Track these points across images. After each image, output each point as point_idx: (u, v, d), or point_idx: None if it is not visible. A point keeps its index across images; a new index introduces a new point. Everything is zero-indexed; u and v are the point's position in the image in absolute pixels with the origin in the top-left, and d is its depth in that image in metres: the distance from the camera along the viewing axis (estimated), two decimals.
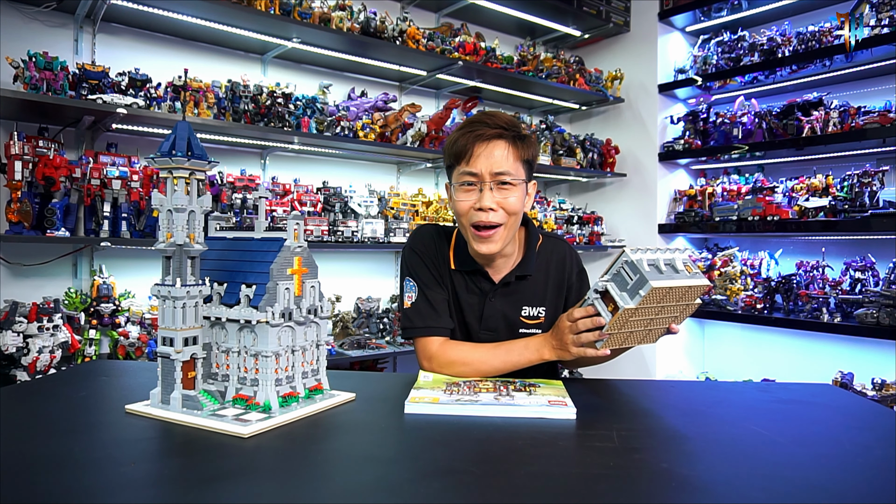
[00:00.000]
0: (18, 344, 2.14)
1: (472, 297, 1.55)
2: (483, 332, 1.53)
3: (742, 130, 3.68)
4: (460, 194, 1.43)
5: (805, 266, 3.50)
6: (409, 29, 3.20)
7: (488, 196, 1.39)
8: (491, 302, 1.53)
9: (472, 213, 1.40)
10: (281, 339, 1.10)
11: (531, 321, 1.54)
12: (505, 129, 1.42)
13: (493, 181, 1.40)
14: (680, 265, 1.16)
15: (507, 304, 1.54)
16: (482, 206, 1.38)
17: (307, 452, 0.93)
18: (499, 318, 1.53)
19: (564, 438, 1.01)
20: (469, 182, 1.41)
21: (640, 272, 1.09)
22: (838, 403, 1.27)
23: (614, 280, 1.14)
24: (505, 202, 1.40)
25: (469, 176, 1.41)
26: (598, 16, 3.97)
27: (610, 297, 1.15)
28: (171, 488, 0.79)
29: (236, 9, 2.61)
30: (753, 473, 0.86)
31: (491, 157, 1.39)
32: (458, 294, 1.56)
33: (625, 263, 1.13)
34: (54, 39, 2.58)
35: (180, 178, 1.08)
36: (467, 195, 1.42)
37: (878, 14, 3.10)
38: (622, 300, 1.12)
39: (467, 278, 1.55)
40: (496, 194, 1.40)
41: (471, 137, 1.40)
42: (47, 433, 0.99)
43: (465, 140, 1.41)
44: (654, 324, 1.19)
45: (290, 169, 3.26)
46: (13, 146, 2.26)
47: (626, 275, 1.12)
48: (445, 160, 1.50)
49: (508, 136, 1.42)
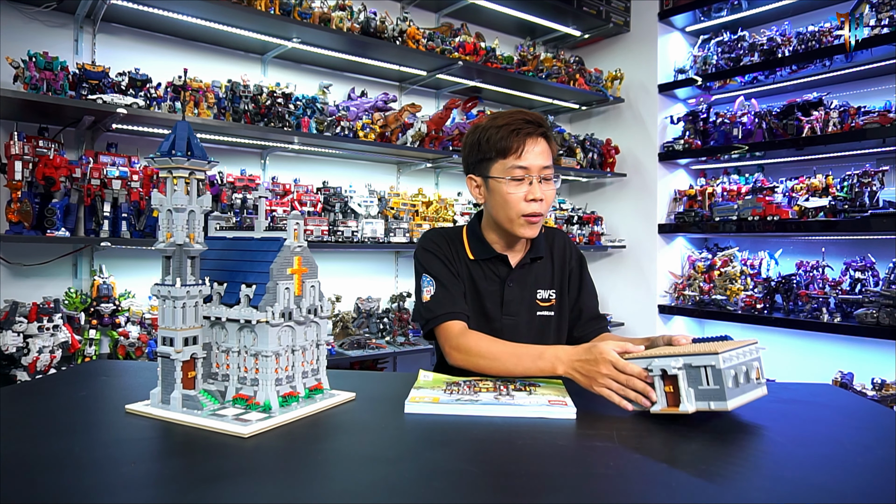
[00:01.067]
0: (18, 344, 2.14)
1: (491, 284, 1.64)
2: (505, 318, 1.61)
3: (742, 130, 3.68)
4: (510, 186, 1.53)
5: (805, 266, 3.50)
6: (409, 29, 3.20)
7: (538, 188, 1.52)
8: (510, 287, 1.62)
9: (524, 204, 1.52)
10: (281, 339, 1.10)
11: (545, 303, 1.65)
12: (546, 127, 1.56)
13: (540, 174, 1.53)
14: (753, 373, 1.10)
15: (524, 288, 1.64)
16: (535, 197, 1.51)
17: (307, 452, 0.93)
18: (518, 302, 1.62)
19: (564, 438, 1.01)
20: (519, 177, 1.52)
21: (723, 386, 1.02)
22: (838, 403, 1.27)
23: (689, 373, 1.06)
24: (547, 194, 1.55)
25: (520, 170, 1.52)
26: (598, 16, 3.97)
27: (673, 382, 1.07)
28: (171, 488, 0.79)
29: (236, 9, 2.61)
30: (753, 473, 0.86)
31: (539, 152, 1.53)
32: (476, 283, 1.64)
33: (710, 368, 1.03)
34: (54, 39, 2.57)
35: (180, 178, 1.08)
36: (517, 188, 1.53)
37: (878, 14, 3.10)
38: (687, 401, 1.05)
39: (484, 266, 1.64)
40: (543, 186, 1.53)
41: (521, 135, 1.52)
42: (47, 433, 0.99)
43: (513, 137, 1.52)
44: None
45: (290, 169, 3.26)
46: (13, 146, 2.26)
47: (705, 377, 1.04)
48: (479, 154, 1.57)
49: (547, 134, 1.56)
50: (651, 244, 4.08)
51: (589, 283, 1.71)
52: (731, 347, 1.07)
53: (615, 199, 4.34)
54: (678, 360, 1.06)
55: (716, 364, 1.03)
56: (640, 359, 1.13)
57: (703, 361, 1.04)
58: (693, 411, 1.04)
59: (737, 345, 1.09)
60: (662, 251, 4.07)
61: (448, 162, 3.59)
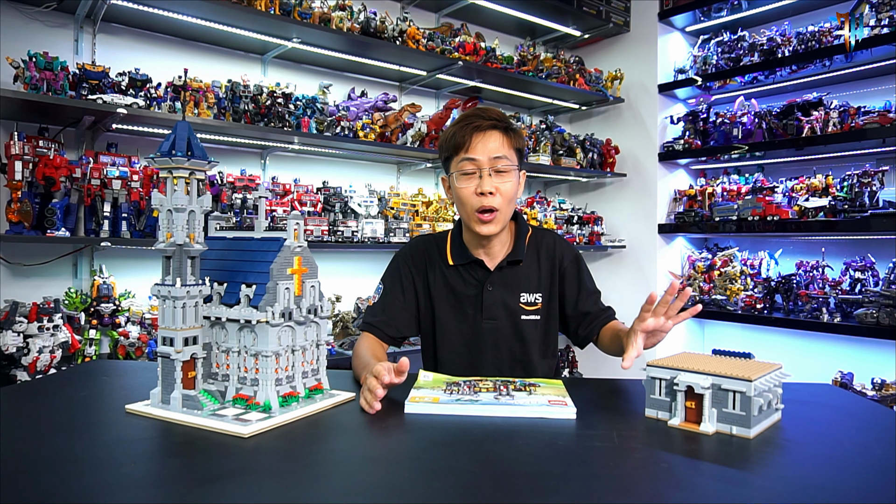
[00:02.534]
0: (18, 344, 2.14)
1: (470, 288, 1.63)
2: (486, 321, 1.61)
3: (742, 130, 3.68)
4: (461, 181, 1.54)
5: (805, 266, 3.50)
6: (409, 29, 3.20)
7: (488, 181, 1.50)
8: (489, 291, 1.61)
9: (475, 198, 1.52)
10: (281, 339, 1.10)
11: (530, 307, 1.64)
12: (498, 120, 1.55)
13: (491, 167, 1.51)
14: (775, 400, 1.09)
15: (505, 292, 1.62)
16: (483, 190, 1.50)
17: (307, 452, 0.93)
18: (499, 306, 1.61)
19: (564, 438, 1.01)
20: (468, 171, 1.53)
21: (749, 413, 1.00)
22: (838, 403, 1.27)
23: (715, 394, 1.03)
24: (502, 186, 1.52)
25: (469, 163, 1.52)
26: (598, 16, 3.97)
27: (696, 400, 1.04)
28: (171, 488, 0.79)
29: (236, 9, 2.61)
30: (754, 473, 0.86)
31: (488, 145, 1.52)
32: (454, 288, 1.64)
33: (739, 393, 1.01)
34: (54, 39, 2.57)
35: (180, 178, 1.08)
36: (468, 182, 1.53)
37: (878, 14, 3.10)
38: (709, 421, 1.03)
39: (463, 271, 1.64)
40: (494, 180, 1.52)
41: (468, 129, 1.52)
42: (47, 433, 0.99)
43: (462, 132, 1.53)
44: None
45: (290, 169, 3.26)
46: (13, 146, 2.26)
47: (732, 401, 1.02)
48: (442, 154, 1.62)
49: (501, 126, 1.55)
50: (651, 244, 4.07)
51: (587, 281, 1.69)
52: (762, 373, 1.04)
53: (615, 199, 4.34)
54: (706, 380, 1.03)
55: (746, 391, 1.00)
56: (665, 369, 1.09)
57: (734, 386, 1.01)
58: (713, 433, 1.02)
59: (764, 369, 1.06)
60: (662, 251, 4.07)
61: None
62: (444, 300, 1.64)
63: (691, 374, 1.05)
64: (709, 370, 1.05)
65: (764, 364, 1.10)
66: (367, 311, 1.67)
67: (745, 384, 1.00)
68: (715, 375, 1.04)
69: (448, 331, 1.63)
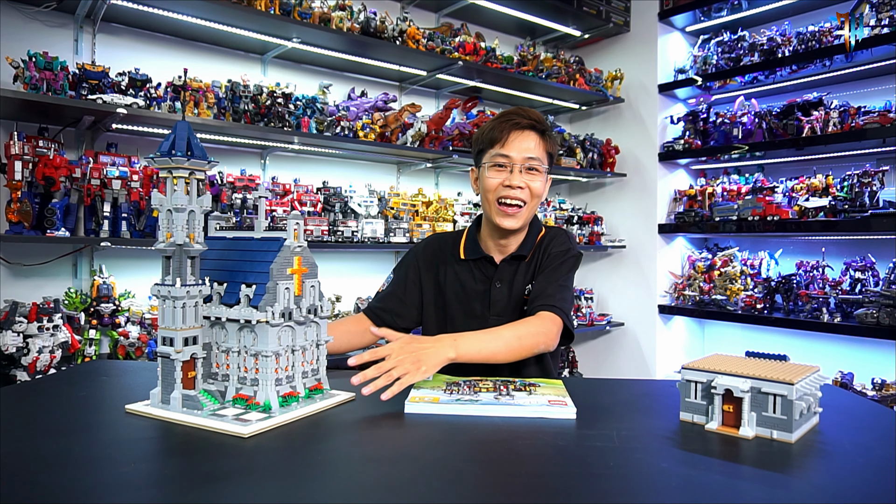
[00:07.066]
0: (18, 344, 2.14)
1: (480, 284, 1.66)
2: (492, 318, 1.62)
3: (742, 130, 3.68)
4: (490, 172, 1.57)
5: (805, 266, 3.50)
6: (409, 29, 3.20)
7: (518, 176, 1.55)
8: (497, 287, 1.64)
9: (500, 189, 1.55)
10: (281, 339, 1.10)
11: None
12: (537, 122, 1.59)
13: (523, 165, 1.55)
14: (815, 404, 1.07)
15: (511, 287, 1.64)
16: (511, 183, 1.54)
17: (307, 452, 0.93)
18: (505, 302, 1.64)
19: (564, 438, 1.01)
20: (500, 164, 1.56)
21: (790, 417, 0.97)
22: (838, 403, 1.27)
23: (755, 398, 1.00)
24: (532, 183, 1.56)
25: (502, 158, 1.56)
26: (598, 16, 3.97)
27: (735, 403, 1.01)
28: (171, 488, 0.79)
29: (236, 9, 2.61)
30: (753, 473, 0.86)
31: (523, 144, 1.56)
32: (464, 284, 1.67)
33: (780, 397, 0.98)
34: (54, 39, 2.57)
35: (180, 178, 1.08)
36: (497, 174, 1.56)
37: (878, 14, 3.10)
38: (748, 425, 1.00)
39: (473, 267, 1.68)
40: (524, 176, 1.56)
41: (508, 125, 1.56)
42: (47, 433, 0.99)
43: (501, 127, 1.56)
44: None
45: (290, 169, 3.26)
46: (13, 146, 2.26)
47: (773, 405, 0.98)
48: (476, 146, 1.65)
49: (539, 128, 1.59)
50: (651, 244, 4.07)
51: (555, 269, 1.60)
52: (803, 376, 1.02)
53: (615, 199, 4.34)
54: (745, 383, 1.00)
55: (788, 395, 0.97)
56: (702, 371, 1.07)
57: (775, 389, 0.98)
58: (752, 437, 1.00)
59: (804, 372, 1.04)
60: (662, 251, 4.07)
61: (448, 162, 3.59)
62: (454, 295, 1.67)
63: (729, 377, 1.03)
64: (747, 373, 1.02)
65: (802, 367, 1.08)
66: (376, 296, 1.80)
67: (787, 387, 0.97)
68: (754, 378, 1.01)
69: (457, 325, 1.65)
